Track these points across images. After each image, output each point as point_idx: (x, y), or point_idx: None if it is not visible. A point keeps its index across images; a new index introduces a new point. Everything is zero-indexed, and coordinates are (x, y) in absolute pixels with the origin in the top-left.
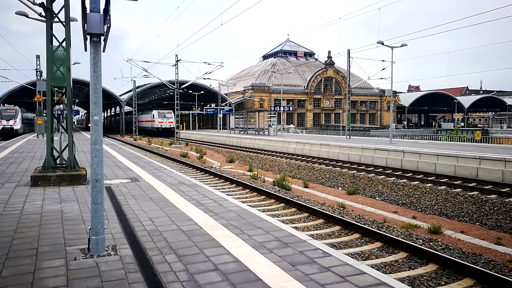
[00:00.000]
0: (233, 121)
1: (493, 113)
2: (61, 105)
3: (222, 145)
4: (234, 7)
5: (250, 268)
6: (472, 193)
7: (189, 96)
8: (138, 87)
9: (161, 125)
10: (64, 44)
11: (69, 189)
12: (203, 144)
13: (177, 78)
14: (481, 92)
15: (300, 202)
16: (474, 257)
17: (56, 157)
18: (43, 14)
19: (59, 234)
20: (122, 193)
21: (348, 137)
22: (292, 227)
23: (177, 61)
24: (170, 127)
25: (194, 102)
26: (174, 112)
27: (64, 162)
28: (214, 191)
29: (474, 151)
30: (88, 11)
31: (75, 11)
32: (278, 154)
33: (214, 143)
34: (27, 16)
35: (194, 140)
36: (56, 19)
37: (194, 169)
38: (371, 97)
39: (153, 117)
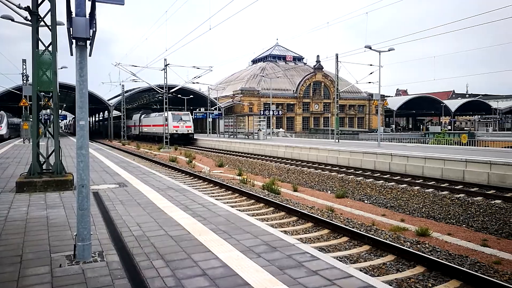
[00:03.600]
0: (223, 125)
1: (479, 116)
2: (48, 110)
3: (212, 150)
4: (223, 11)
5: (238, 273)
6: (458, 196)
7: (178, 101)
8: (126, 91)
9: (176, 130)
10: (50, 48)
11: (55, 194)
12: (192, 148)
13: (166, 82)
14: (467, 96)
15: (289, 206)
16: (461, 258)
17: (42, 162)
18: (29, 18)
19: (44, 241)
20: (110, 199)
21: (337, 140)
22: (281, 231)
23: (166, 65)
24: (188, 132)
25: (183, 106)
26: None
27: (51, 168)
28: (203, 196)
29: (461, 154)
30: (73, 15)
31: (62, 15)
32: (267, 158)
33: (203, 147)
34: (12, 20)
35: (183, 144)
36: (42, 23)
37: (183, 174)
38: (359, 101)
39: (166, 120)
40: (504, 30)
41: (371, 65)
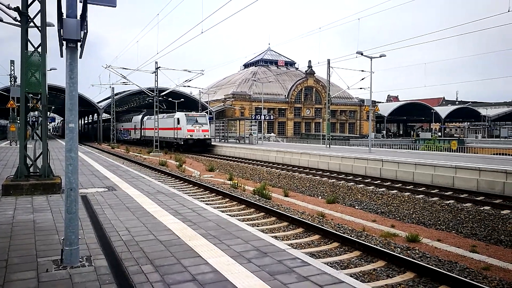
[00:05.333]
0: (214, 129)
1: (468, 123)
2: (36, 112)
3: (202, 154)
4: (215, 15)
5: (228, 278)
6: (448, 202)
7: (169, 104)
8: (116, 94)
9: (191, 135)
10: (39, 49)
11: (42, 198)
12: (183, 152)
13: (156, 85)
14: (457, 102)
15: (280, 211)
16: (450, 264)
17: (29, 165)
18: (19, 18)
19: (31, 245)
20: (98, 202)
21: (328, 146)
22: (272, 237)
23: (157, 68)
24: (205, 137)
25: (174, 110)
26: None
27: (38, 171)
28: (193, 201)
29: (451, 160)
30: (64, 16)
31: (52, 16)
32: (258, 162)
33: (193, 151)
34: (1, 21)
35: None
36: (31, 24)
37: (173, 178)
38: (350, 106)
39: (178, 123)
40: (495, 38)
41: (362, 71)
